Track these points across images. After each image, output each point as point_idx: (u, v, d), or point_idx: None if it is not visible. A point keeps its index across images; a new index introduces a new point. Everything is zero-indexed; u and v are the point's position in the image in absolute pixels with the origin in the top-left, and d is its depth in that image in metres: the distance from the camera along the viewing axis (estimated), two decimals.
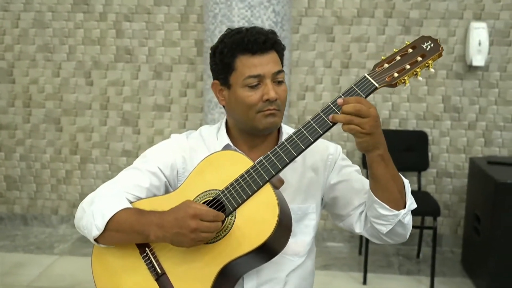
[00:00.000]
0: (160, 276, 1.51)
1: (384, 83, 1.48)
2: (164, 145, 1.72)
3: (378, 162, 1.47)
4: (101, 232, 1.52)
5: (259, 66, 1.55)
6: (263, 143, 1.65)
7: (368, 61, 4.16)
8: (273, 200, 1.46)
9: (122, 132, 4.44)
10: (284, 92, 1.59)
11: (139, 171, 1.65)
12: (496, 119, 4.15)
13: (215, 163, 1.57)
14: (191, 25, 4.25)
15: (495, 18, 4.05)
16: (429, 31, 4.07)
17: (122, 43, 4.33)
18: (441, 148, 4.22)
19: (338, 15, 4.15)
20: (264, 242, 1.43)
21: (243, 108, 1.58)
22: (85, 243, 4.29)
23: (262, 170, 1.48)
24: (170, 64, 4.32)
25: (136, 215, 1.51)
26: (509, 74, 4.11)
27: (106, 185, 1.65)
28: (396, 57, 1.51)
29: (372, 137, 1.43)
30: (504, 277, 3.36)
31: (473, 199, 3.79)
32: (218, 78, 1.63)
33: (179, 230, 1.42)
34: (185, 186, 1.58)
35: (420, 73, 1.50)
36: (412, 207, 1.56)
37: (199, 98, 4.30)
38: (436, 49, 1.49)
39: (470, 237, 3.79)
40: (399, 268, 3.95)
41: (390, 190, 1.50)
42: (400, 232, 1.57)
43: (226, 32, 1.63)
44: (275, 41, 1.59)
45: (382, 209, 1.51)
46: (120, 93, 4.40)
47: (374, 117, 1.42)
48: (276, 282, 1.61)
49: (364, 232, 1.63)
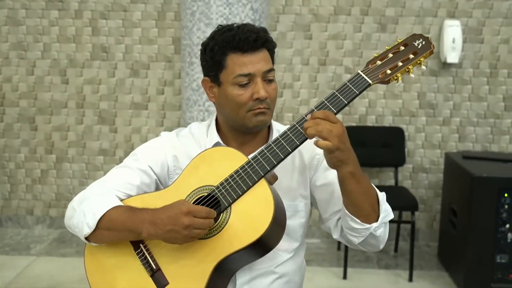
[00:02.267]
0: (155, 272, 1.51)
1: (377, 79, 1.50)
2: (154, 143, 1.72)
3: (348, 178, 1.46)
4: (93, 230, 1.52)
5: (249, 64, 1.55)
6: (253, 139, 1.67)
7: (345, 59, 4.20)
8: (268, 196, 1.47)
9: (98, 131, 4.40)
10: (274, 90, 1.60)
11: (130, 169, 1.65)
12: (470, 115, 4.24)
13: (209, 159, 1.57)
14: (168, 23, 4.23)
15: (468, 16, 4.13)
16: (404, 28, 4.14)
17: (98, 41, 4.28)
18: (416, 144, 4.29)
19: (315, 13, 4.18)
20: (260, 237, 1.44)
21: (233, 106, 1.58)
22: (62, 243, 4.24)
23: (257, 166, 1.49)
24: (147, 62, 4.29)
25: (128, 213, 1.51)
26: (481, 71, 4.20)
27: (96, 183, 1.65)
28: (388, 54, 1.53)
29: (341, 152, 1.42)
30: (480, 270, 3.43)
31: (449, 194, 3.87)
32: (209, 75, 1.64)
33: (173, 227, 1.42)
34: (179, 182, 1.58)
35: (412, 70, 1.53)
36: (386, 220, 1.56)
37: (176, 96, 4.28)
38: (427, 47, 1.52)
39: (447, 231, 3.86)
40: (378, 262, 4.00)
41: (360, 205, 1.50)
42: (372, 243, 1.58)
43: (217, 28, 1.63)
44: (266, 40, 1.59)
45: (353, 222, 1.52)
46: (97, 91, 4.35)
47: (340, 131, 1.41)
48: (268, 275, 1.62)
49: (340, 238, 1.65)
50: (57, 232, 4.44)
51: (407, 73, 1.52)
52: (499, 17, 4.13)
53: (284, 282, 1.65)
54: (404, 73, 1.52)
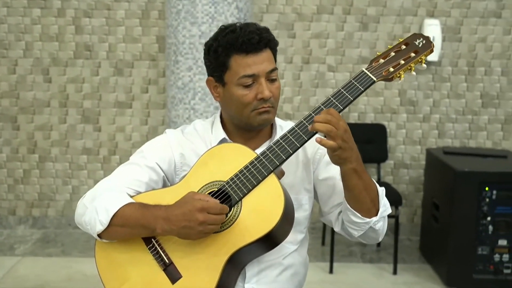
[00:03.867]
0: (167, 266, 1.54)
1: (381, 77, 1.56)
2: (160, 140, 1.75)
3: (351, 174, 1.51)
4: (106, 227, 1.54)
5: (253, 65, 1.59)
6: (257, 135, 1.71)
7: (328, 57, 4.27)
8: (278, 190, 1.52)
9: (82, 130, 4.38)
10: (277, 89, 1.65)
11: (138, 166, 1.68)
12: (449, 111, 4.35)
13: (219, 155, 1.61)
14: (153, 21, 4.24)
15: (446, 16, 4.24)
16: (385, 27, 4.23)
17: (81, 40, 4.27)
18: (397, 140, 4.38)
19: (298, 12, 4.24)
20: (271, 230, 1.48)
21: (238, 106, 1.62)
22: (47, 243, 4.22)
23: (266, 161, 1.53)
24: (131, 61, 4.29)
25: (142, 209, 1.54)
26: (460, 69, 4.31)
27: (105, 181, 1.67)
28: (390, 53, 1.60)
29: (344, 150, 1.47)
30: (462, 261, 3.54)
31: (431, 188, 3.97)
32: (213, 75, 1.67)
33: (187, 224, 1.46)
34: (188, 178, 1.61)
35: (414, 68, 1.59)
36: (385, 214, 1.61)
37: (161, 95, 4.30)
38: (428, 46, 1.59)
39: (429, 225, 3.96)
40: (362, 256, 4.08)
41: (362, 200, 1.56)
42: (372, 236, 1.64)
43: (220, 29, 1.66)
44: (268, 40, 1.63)
45: (354, 216, 1.58)
46: (80, 90, 4.33)
47: (342, 129, 1.46)
48: (276, 267, 1.67)
49: (341, 231, 1.70)
50: (40, 232, 4.41)
51: (409, 71, 1.59)
52: (476, 17, 4.25)
53: (290, 274, 1.70)
54: (406, 70, 1.58)
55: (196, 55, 3.62)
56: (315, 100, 4.30)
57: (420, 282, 3.67)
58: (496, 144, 4.36)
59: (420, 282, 3.67)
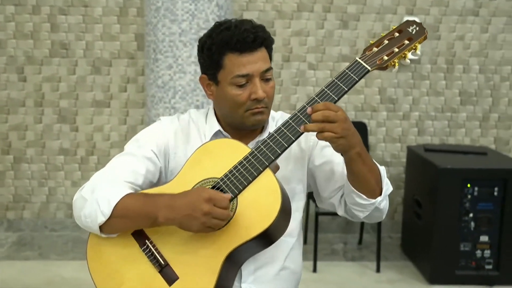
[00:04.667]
0: (163, 267, 1.49)
1: (375, 65, 1.54)
2: (155, 127, 1.70)
3: (356, 159, 1.50)
4: (107, 218, 1.48)
5: (247, 65, 1.55)
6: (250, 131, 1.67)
7: (308, 55, 4.25)
8: (274, 185, 1.48)
9: (59, 130, 4.28)
10: (272, 89, 1.61)
11: (134, 157, 1.62)
12: (428, 109, 4.37)
13: (212, 151, 1.56)
14: (131, 19, 4.17)
15: (425, 14, 4.26)
16: (365, 25, 4.23)
17: (57, 37, 4.17)
18: (378, 138, 4.39)
19: (278, 10, 4.21)
20: (269, 226, 1.44)
21: (231, 105, 1.59)
22: (23, 246, 4.11)
23: (261, 156, 1.50)
24: (109, 59, 4.21)
25: (144, 198, 1.49)
26: (439, 67, 4.34)
27: (101, 173, 1.60)
28: (383, 41, 1.57)
29: (346, 139, 1.45)
30: (445, 258, 3.55)
31: (412, 186, 3.98)
32: (206, 73, 1.63)
33: (191, 213, 1.41)
34: (182, 175, 1.56)
35: (408, 56, 1.57)
36: (388, 192, 1.61)
37: (140, 93, 4.23)
38: (421, 32, 1.58)
39: (411, 222, 3.97)
40: (344, 255, 4.07)
41: (367, 183, 1.54)
42: (376, 215, 1.63)
43: (214, 26, 1.61)
44: (264, 39, 1.58)
45: (360, 198, 1.56)
46: (56, 89, 4.24)
47: (343, 119, 1.45)
48: (272, 264, 1.63)
49: (344, 214, 1.67)
50: (15, 235, 4.29)
51: (403, 58, 1.57)
52: (454, 15, 4.27)
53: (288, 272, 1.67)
54: (401, 58, 1.56)
55: (176, 53, 3.57)
56: (296, 98, 4.28)
57: (404, 279, 3.67)
58: (474, 141, 4.40)
59: (404, 279, 3.67)
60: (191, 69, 3.54)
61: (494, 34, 4.29)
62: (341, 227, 4.46)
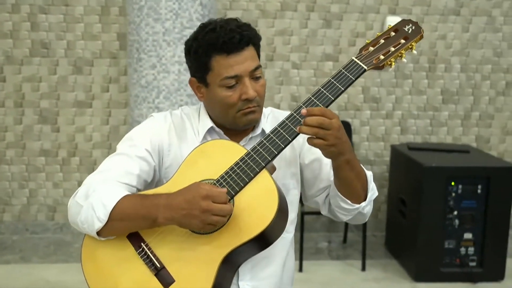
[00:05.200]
0: (159, 270, 1.46)
1: (372, 65, 1.53)
2: (149, 124, 1.67)
3: (344, 166, 1.49)
4: (104, 223, 1.45)
5: (235, 66, 1.53)
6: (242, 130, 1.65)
7: (292, 54, 4.25)
8: (271, 186, 1.47)
9: (39, 131, 4.21)
10: (262, 87, 1.60)
11: (128, 157, 1.59)
12: (411, 108, 4.40)
13: (208, 152, 1.54)
14: (113, 18, 4.12)
15: (408, 13, 4.29)
16: (348, 24, 4.24)
17: (37, 37, 4.10)
18: (361, 137, 4.40)
19: (262, 9, 4.20)
20: (267, 227, 1.43)
21: (222, 107, 1.57)
22: (4, 250, 4.04)
23: (257, 157, 1.48)
24: (91, 59, 4.15)
25: (141, 200, 1.46)
26: (421, 66, 4.37)
27: (95, 175, 1.57)
28: (380, 40, 1.57)
29: (336, 147, 1.44)
30: (430, 255, 3.57)
31: (397, 184, 4.00)
32: (195, 76, 1.62)
33: (190, 211, 1.39)
34: (177, 177, 1.54)
35: (405, 55, 1.57)
36: (373, 197, 1.61)
37: (123, 93, 4.18)
38: (417, 31, 1.57)
39: (395, 220, 3.99)
40: (329, 254, 4.08)
41: (353, 189, 1.54)
42: (359, 218, 1.64)
43: (200, 28, 1.59)
44: (250, 37, 1.56)
45: (344, 203, 1.57)
46: (37, 89, 4.17)
47: (336, 128, 1.43)
48: (268, 261, 1.63)
49: (328, 214, 1.69)
50: None
51: (399, 58, 1.56)
52: (436, 14, 4.31)
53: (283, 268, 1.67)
54: (397, 58, 1.56)
55: (160, 52, 3.53)
56: (280, 97, 4.28)
57: (389, 277, 3.69)
58: (456, 139, 4.44)
59: (389, 277, 3.69)
60: (175, 68, 3.51)
61: (475, 33, 4.34)
62: (326, 226, 4.47)
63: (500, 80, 4.41)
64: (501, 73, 4.40)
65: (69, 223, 1.58)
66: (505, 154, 4.45)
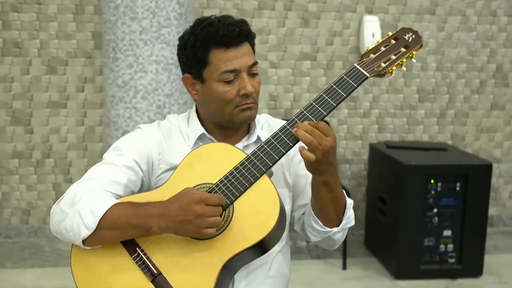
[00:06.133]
0: (156, 276, 1.43)
1: (373, 72, 1.54)
2: (136, 135, 1.63)
3: (321, 186, 1.49)
4: (92, 231, 1.41)
5: (234, 60, 1.52)
6: (237, 132, 1.65)
7: (270, 53, 4.23)
8: (272, 191, 1.45)
9: (12, 132, 4.10)
10: (258, 84, 1.59)
11: (115, 166, 1.55)
12: (388, 106, 4.44)
13: (205, 156, 1.52)
14: (88, 17, 4.03)
15: (384, 12, 4.32)
16: (326, 23, 4.25)
17: (9, 36, 3.99)
18: (339, 136, 4.42)
19: (239, 8, 4.17)
20: (268, 233, 1.42)
21: (219, 103, 1.55)
22: None
23: (258, 162, 1.46)
24: (65, 58, 4.06)
25: (133, 209, 1.42)
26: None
27: (80, 183, 1.53)
28: (380, 47, 1.57)
29: (320, 165, 1.42)
30: (410, 253, 3.61)
31: (375, 183, 4.03)
32: (190, 72, 1.59)
33: (184, 217, 1.36)
34: (173, 180, 1.51)
35: (405, 63, 1.57)
36: (347, 226, 1.59)
37: (98, 94, 4.10)
38: (418, 40, 1.58)
39: (374, 219, 4.02)
40: (309, 253, 4.09)
41: (326, 211, 1.54)
42: (328, 243, 1.64)
43: (196, 23, 1.58)
44: (248, 33, 1.57)
45: (315, 223, 1.56)
46: (9, 89, 4.05)
47: (328, 147, 1.40)
48: (263, 267, 1.61)
49: (300, 231, 1.69)
50: None
51: (400, 66, 1.56)
52: (412, 13, 4.35)
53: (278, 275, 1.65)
54: (398, 66, 1.56)
55: (137, 51, 3.47)
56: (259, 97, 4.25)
57: (370, 275, 3.72)
58: (432, 137, 4.49)
59: (370, 275, 3.72)
60: (153, 68, 3.46)
61: (450, 32, 4.39)
62: None
63: (474, 78, 4.48)
64: (475, 72, 4.47)
65: (50, 229, 1.53)
66: (480, 151, 4.52)
